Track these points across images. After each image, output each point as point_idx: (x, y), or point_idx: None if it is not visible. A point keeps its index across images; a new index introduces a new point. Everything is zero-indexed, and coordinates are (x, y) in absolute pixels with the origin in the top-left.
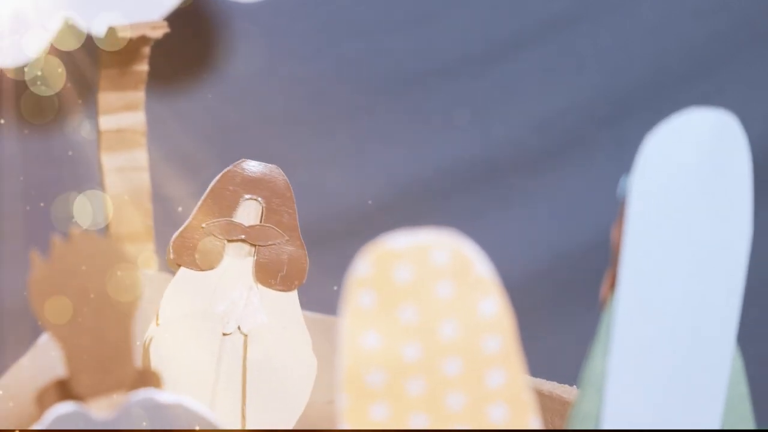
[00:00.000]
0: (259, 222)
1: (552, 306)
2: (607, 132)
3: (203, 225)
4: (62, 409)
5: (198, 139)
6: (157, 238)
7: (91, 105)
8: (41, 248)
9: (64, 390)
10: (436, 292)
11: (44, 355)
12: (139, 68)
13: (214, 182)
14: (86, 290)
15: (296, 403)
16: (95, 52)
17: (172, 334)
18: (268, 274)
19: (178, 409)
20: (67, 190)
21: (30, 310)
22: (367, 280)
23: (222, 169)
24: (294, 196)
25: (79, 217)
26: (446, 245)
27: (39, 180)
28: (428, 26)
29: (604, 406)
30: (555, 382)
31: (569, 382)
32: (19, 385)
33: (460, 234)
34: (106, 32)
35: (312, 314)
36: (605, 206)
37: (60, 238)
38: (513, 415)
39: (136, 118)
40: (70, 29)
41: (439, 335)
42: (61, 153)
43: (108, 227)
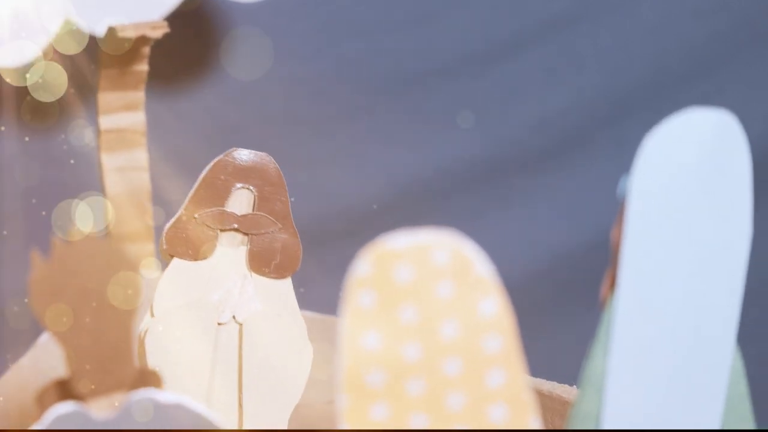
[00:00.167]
0: (251, 211)
1: (552, 306)
2: (607, 132)
3: (196, 215)
4: (62, 409)
5: (198, 139)
6: (157, 238)
7: (91, 105)
8: (41, 249)
9: (64, 390)
10: (437, 292)
11: (44, 355)
12: (139, 68)
13: (205, 172)
14: (87, 291)
15: (293, 391)
16: (95, 52)
17: (167, 325)
18: (262, 263)
19: (178, 409)
20: (67, 190)
21: (30, 310)
22: (368, 280)
23: None
24: (286, 184)
25: (80, 222)
26: (446, 245)
27: (39, 180)
28: (428, 26)
29: (604, 406)
30: (555, 382)
31: (569, 382)
32: (20, 385)
33: (460, 234)
34: (107, 32)
35: (312, 314)
36: (605, 206)
37: (61, 239)
38: (513, 415)
39: (136, 118)
40: (71, 29)
41: (439, 335)
42: (60, 153)
43: (108, 228)
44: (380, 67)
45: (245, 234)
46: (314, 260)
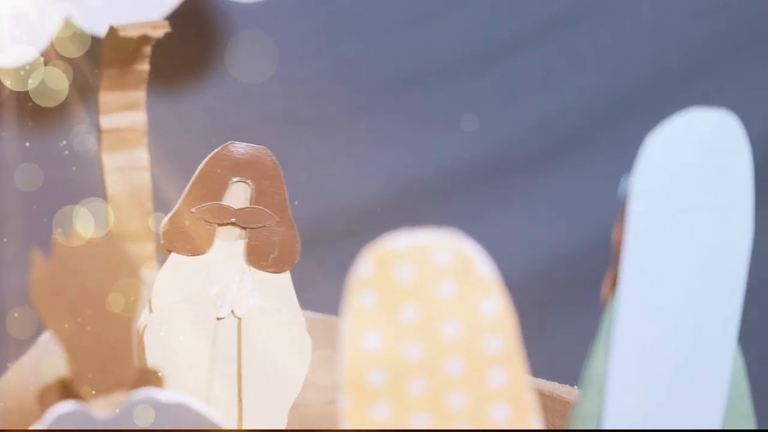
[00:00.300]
0: (248, 204)
1: (552, 306)
2: (607, 132)
3: (193, 210)
4: (63, 409)
5: (198, 139)
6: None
7: (92, 105)
8: (41, 248)
9: (65, 389)
10: (438, 292)
11: (44, 355)
12: (140, 68)
13: (201, 166)
14: (87, 290)
15: (293, 385)
16: (96, 52)
17: (166, 320)
18: (260, 257)
19: (179, 409)
20: (68, 189)
21: (30, 309)
22: (369, 280)
23: None
24: (283, 176)
25: (81, 227)
26: (448, 245)
27: (40, 179)
28: (428, 26)
29: (606, 406)
30: (555, 383)
31: (569, 383)
32: (20, 384)
33: (460, 234)
34: (108, 32)
35: (312, 314)
36: (605, 206)
37: (61, 238)
38: (515, 415)
39: (137, 118)
40: (71, 30)
41: (440, 335)
42: (61, 154)
43: (107, 225)
44: (380, 67)
45: (243, 228)
46: (314, 260)
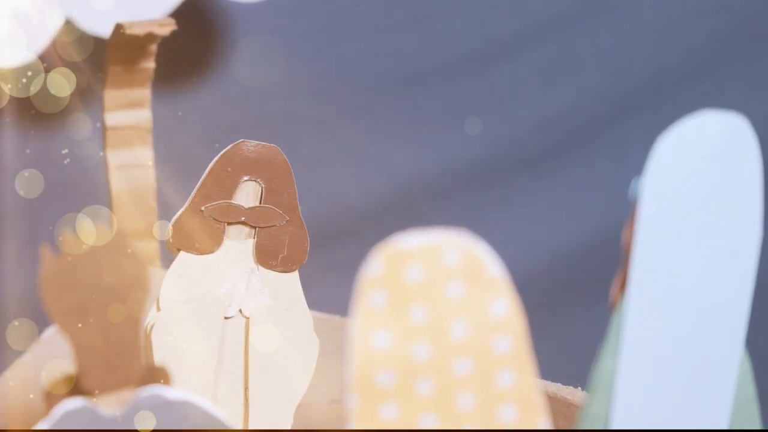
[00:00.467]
0: (258, 203)
1: (552, 306)
2: (607, 132)
3: (202, 208)
4: (70, 405)
5: (198, 139)
6: (159, 227)
7: (97, 103)
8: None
9: (72, 386)
10: (447, 292)
11: (47, 351)
12: (146, 65)
13: (212, 164)
14: (95, 286)
15: (299, 384)
16: (97, 52)
17: (173, 319)
18: (269, 256)
19: (186, 406)
20: (71, 188)
21: (31, 307)
22: (378, 280)
23: None
24: (293, 176)
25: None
26: (458, 245)
27: (43, 178)
28: (428, 26)
29: (614, 408)
30: (559, 384)
31: (569, 382)
32: (22, 381)
33: (469, 234)
34: (114, 29)
35: (313, 313)
36: (605, 206)
37: (70, 234)
38: (523, 415)
39: (142, 116)
40: (71, 29)
41: (449, 335)
42: (65, 150)
43: (112, 224)
44: (380, 67)
45: (252, 227)
46: (314, 260)
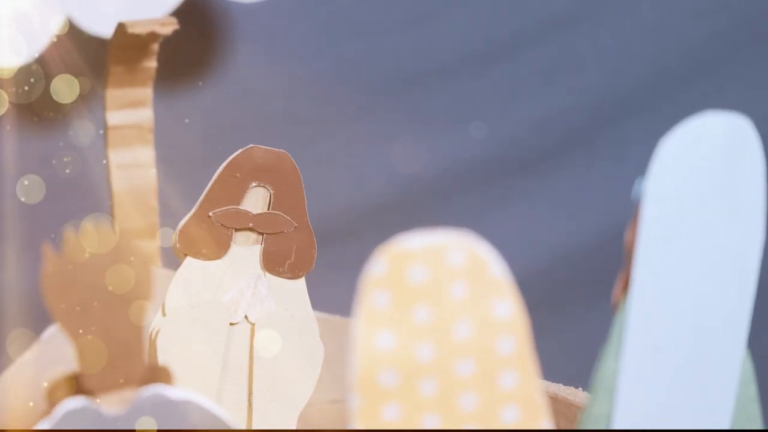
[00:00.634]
0: (267, 209)
1: (552, 306)
2: (607, 132)
3: (210, 214)
4: (72, 405)
5: (198, 139)
6: (162, 235)
7: (98, 102)
8: (40, 248)
9: (74, 385)
10: (451, 292)
11: (48, 351)
12: (148, 65)
13: (220, 169)
14: (98, 285)
15: (303, 391)
16: (98, 51)
17: (179, 324)
18: (276, 262)
19: (188, 406)
20: (72, 187)
21: (31, 307)
22: (382, 280)
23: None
24: (303, 182)
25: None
26: (462, 246)
27: (45, 177)
28: (428, 26)
29: (616, 409)
30: (561, 385)
31: (570, 382)
32: (23, 381)
33: (472, 234)
34: (116, 28)
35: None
36: (605, 206)
37: (73, 233)
38: (525, 416)
39: (144, 115)
40: (72, 29)
41: (453, 336)
42: (66, 149)
43: (114, 224)
44: (380, 67)
45: (260, 233)
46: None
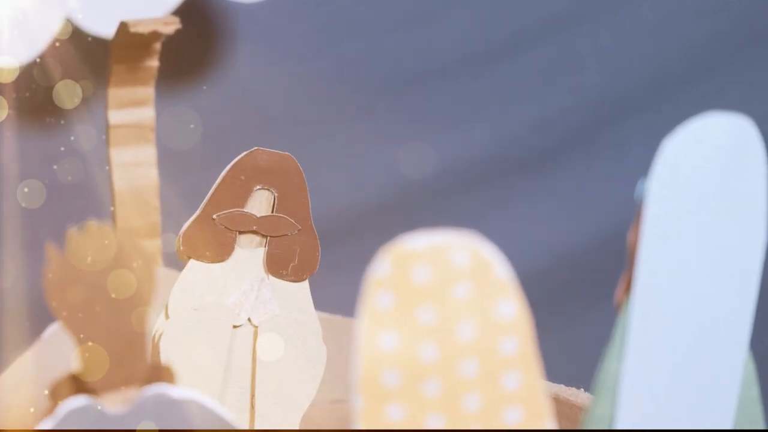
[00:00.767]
0: (271, 212)
1: (552, 306)
2: (607, 132)
3: (214, 216)
4: (75, 403)
5: (197, 139)
6: (164, 234)
7: (100, 101)
8: (42, 247)
9: (76, 384)
10: (455, 293)
11: (49, 350)
12: (150, 64)
13: (225, 172)
14: (101, 283)
15: (306, 394)
16: (99, 51)
17: (182, 326)
18: (280, 265)
19: (191, 405)
20: (74, 187)
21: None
22: (386, 280)
23: (221, 169)
24: (307, 185)
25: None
26: (466, 246)
27: (46, 176)
28: (428, 26)
29: (618, 409)
30: (562, 385)
31: (571, 383)
32: (23, 380)
33: (477, 235)
34: (118, 27)
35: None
36: (605, 206)
37: (76, 231)
38: (529, 417)
39: (145, 114)
40: (72, 29)
41: (456, 336)
42: (67, 147)
43: (115, 223)
44: (380, 67)
45: (264, 236)
46: None
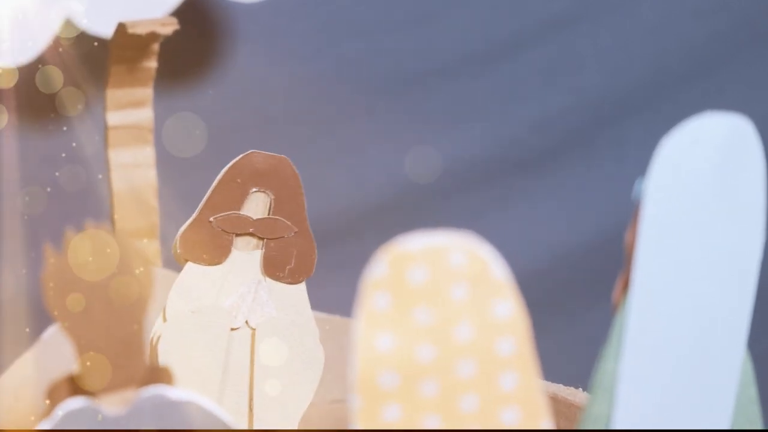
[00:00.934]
0: (267, 214)
1: (552, 306)
2: (607, 132)
3: (211, 219)
4: (73, 405)
5: (197, 139)
6: (162, 235)
7: (99, 102)
8: (41, 249)
9: (74, 385)
10: (452, 294)
11: (48, 351)
12: (148, 65)
13: (221, 175)
14: (99, 285)
15: (304, 396)
16: (99, 51)
17: (180, 329)
18: (277, 267)
19: (189, 406)
20: (74, 187)
21: (30, 307)
22: (383, 281)
23: (221, 169)
24: (303, 187)
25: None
26: (462, 247)
27: (46, 177)
28: (428, 26)
29: (616, 409)
30: (561, 385)
31: (569, 382)
32: (23, 381)
33: (474, 236)
34: (116, 28)
35: (313, 313)
36: (605, 206)
37: (74, 233)
38: (526, 417)
39: (144, 115)
40: (72, 29)
41: (453, 337)
42: (66, 148)
43: (114, 224)
44: (380, 67)
45: (260, 238)
46: None
